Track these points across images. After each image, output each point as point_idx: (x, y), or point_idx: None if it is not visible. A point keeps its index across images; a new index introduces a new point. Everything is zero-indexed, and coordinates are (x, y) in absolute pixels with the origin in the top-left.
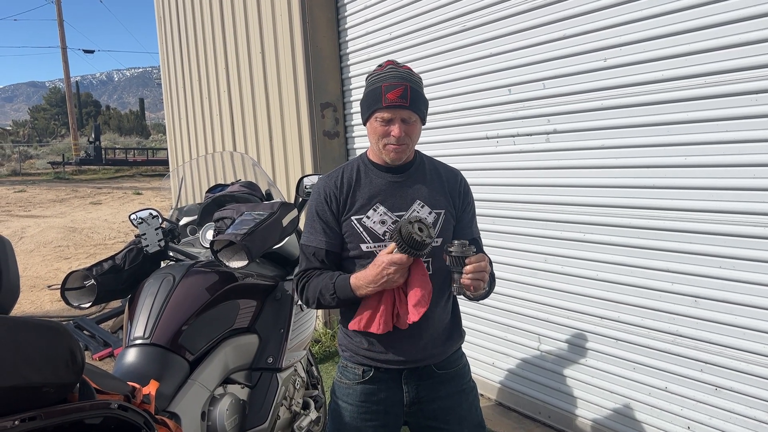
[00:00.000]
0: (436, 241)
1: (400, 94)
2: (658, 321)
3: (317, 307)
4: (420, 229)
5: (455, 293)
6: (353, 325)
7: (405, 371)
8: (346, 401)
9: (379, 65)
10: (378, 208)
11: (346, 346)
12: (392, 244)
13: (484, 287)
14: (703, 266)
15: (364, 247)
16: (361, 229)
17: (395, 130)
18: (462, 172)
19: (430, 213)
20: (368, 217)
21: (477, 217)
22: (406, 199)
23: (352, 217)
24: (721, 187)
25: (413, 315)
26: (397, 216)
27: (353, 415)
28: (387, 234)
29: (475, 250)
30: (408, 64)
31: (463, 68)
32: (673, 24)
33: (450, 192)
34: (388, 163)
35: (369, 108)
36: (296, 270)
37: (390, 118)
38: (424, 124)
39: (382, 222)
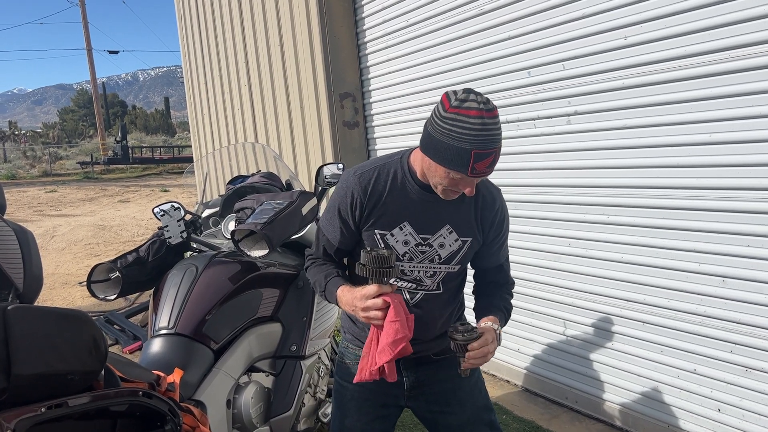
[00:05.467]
0: (454, 268)
1: (489, 164)
2: (685, 302)
3: None
4: (378, 251)
5: (462, 375)
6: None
7: (402, 360)
8: (348, 381)
9: (460, 101)
10: (405, 227)
11: (347, 328)
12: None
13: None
14: (730, 245)
15: None
16: (382, 245)
17: (470, 190)
18: None
19: (456, 240)
20: (392, 235)
21: None
22: (436, 222)
23: (376, 231)
24: (748, 163)
25: (378, 361)
26: (422, 238)
27: (354, 395)
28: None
29: (477, 334)
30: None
31: (481, 52)
32: None
33: (482, 220)
34: None
35: (447, 163)
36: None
37: (464, 180)
38: None
39: (405, 242)
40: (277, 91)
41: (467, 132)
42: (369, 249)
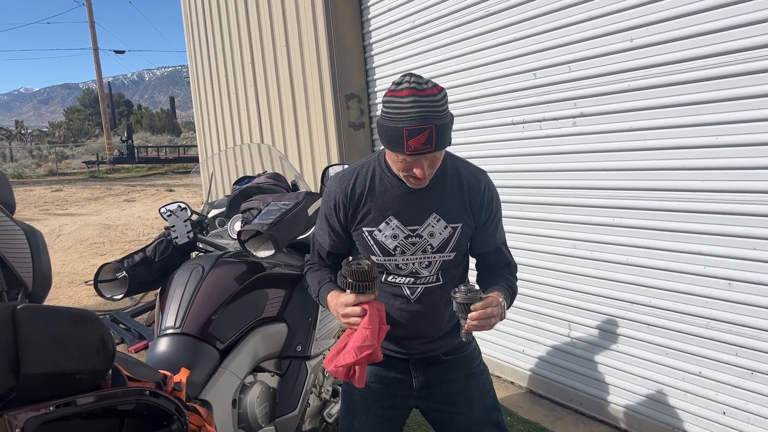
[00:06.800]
0: (449, 256)
1: (425, 141)
2: (690, 305)
3: None
4: (359, 263)
5: (463, 339)
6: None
7: (411, 360)
8: None
9: (397, 84)
10: (391, 221)
11: None
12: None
13: (492, 327)
14: (736, 248)
15: (373, 259)
16: (372, 242)
17: (419, 171)
18: (487, 159)
19: (445, 227)
20: (380, 230)
21: (505, 204)
22: (422, 212)
23: (364, 229)
24: (754, 166)
25: (342, 360)
26: (410, 230)
27: (363, 396)
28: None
29: (482, 295)
30: (431, 78)
31: (487, 54)
32: (701, 0)
33: (470, 203)
34: None
35: (389, 145)
36: (306, 256)
37: (414, 160)
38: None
39: (394, 236)
40: (283, 91)
41: (398, 111)
42: (350, 260)
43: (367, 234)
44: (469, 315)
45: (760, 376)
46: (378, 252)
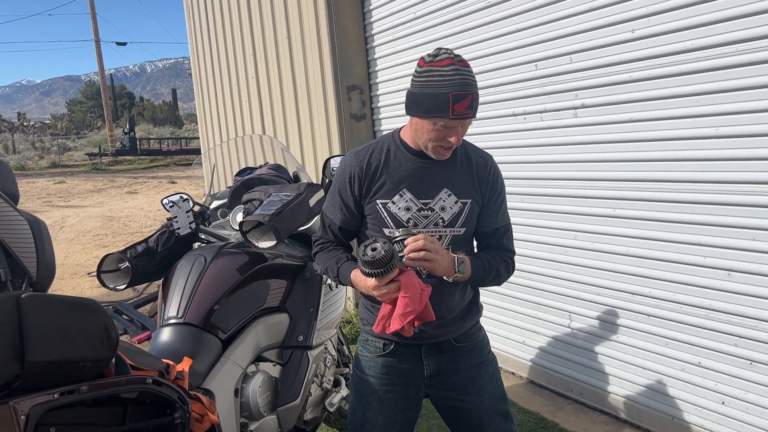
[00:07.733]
0: (459, 231)
1: (468, 105)
2: (690, 295)
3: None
4: (373, 249)
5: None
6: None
7: (424, 345)
8: (368, 373)
9: (432, 56)
10: (404, 194)
11: (367, 320)
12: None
13: (439, 270)
14: (736, 239)
15: (386, 231)
16: (386, 214)
17: (455, 138)
18: (489, 150)
19: (456, 202)
20: (393, 203)
21: (507, 194)
22: (434, 187)
23: (378, 201)
24: (754, 157)
25: (391, 326)
26: (422, 203)
27: (375, 387)
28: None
29: (417, 232)
30: (454, 51)
31: (488, 45)
32: None
33: (479, 180)
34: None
35: (429, 112)
36: (314, 236)
37: (453, 126)
38: None
39: (407, 209)
40: (285, 83)
41: (442, 78)
42: (362, 253)
43: (380, 206)
44: (405, 249)
45: (759, 366)
46: (391, 224)
